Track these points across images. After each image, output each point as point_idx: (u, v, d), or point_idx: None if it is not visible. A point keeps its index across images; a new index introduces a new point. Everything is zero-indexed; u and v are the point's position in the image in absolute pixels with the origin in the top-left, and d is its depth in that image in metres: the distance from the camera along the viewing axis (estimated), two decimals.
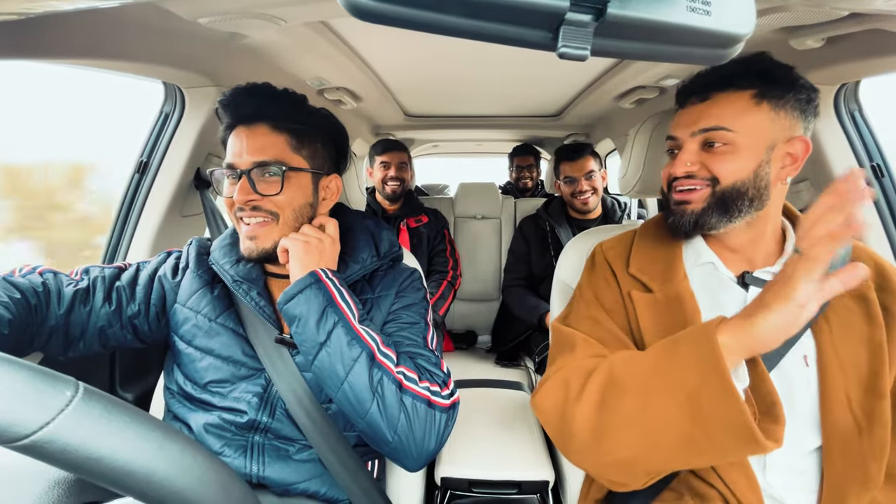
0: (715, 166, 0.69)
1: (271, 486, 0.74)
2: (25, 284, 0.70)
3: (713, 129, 0.69)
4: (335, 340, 0.68)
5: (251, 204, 0.74)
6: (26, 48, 0.69)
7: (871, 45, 0.84)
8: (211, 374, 0.77)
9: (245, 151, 0.74)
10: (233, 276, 0.79)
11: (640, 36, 0.35)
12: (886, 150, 1.08)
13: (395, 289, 0.84)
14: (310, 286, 0.70)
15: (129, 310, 0.79)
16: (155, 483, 0.33)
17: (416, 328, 0.81)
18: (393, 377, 0.68)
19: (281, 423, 0.75)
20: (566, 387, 0.69)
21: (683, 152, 0.72)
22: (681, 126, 0.73)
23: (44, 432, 0.30)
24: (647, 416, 0.60)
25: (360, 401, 0.66)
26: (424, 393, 0.69)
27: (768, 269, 0.72)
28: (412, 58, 1.42)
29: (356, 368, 0.66)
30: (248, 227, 0.76)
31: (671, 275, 0.75)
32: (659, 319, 0.73)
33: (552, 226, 1.86)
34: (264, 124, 0.76)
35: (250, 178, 0.73)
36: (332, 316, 0.69)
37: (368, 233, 0.88)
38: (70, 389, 0.33)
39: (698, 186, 0.71)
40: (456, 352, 2.04)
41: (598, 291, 0.80)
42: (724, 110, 0.68)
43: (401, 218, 1.95)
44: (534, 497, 1.00)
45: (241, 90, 0.77)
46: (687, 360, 0.58)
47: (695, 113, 0.71)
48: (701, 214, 0.71)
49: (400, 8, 0.32)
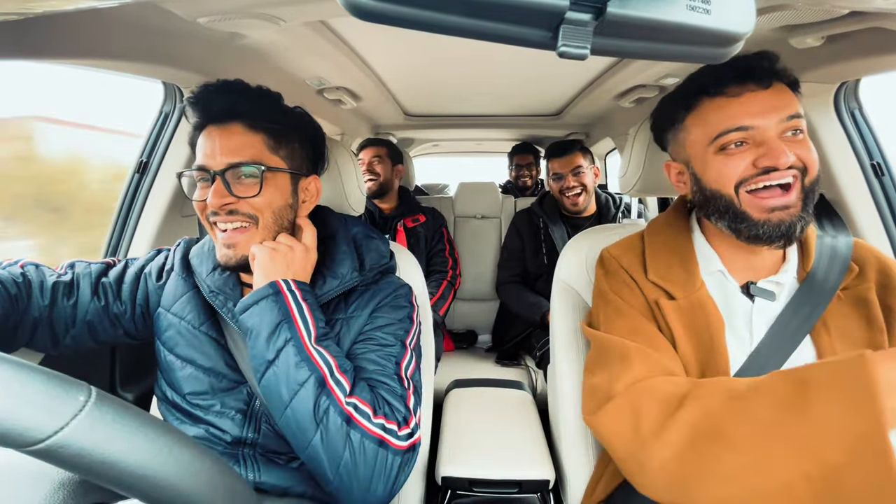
0: (804, 154, 0.63)
1: (269, 490, 0.73)
2: (4, 275, 0.69)
3: (798, 116, 0.64)
4: (283, 360, 0.62)
5: (227, 208, 0.69)
6: (26, 48, 0.69)
7: (871, 44, 0.84)
8: (191, 384, 0.74)
9: (218, 152, 0.69)
10: (209, 287, 0.75)
11: (640, 35, 0.35)
12: (886, 148, 1.08)
13: (370, 309, 0.77)
14: (266, 297, 0.66)
15: (114, 307, 0.78)
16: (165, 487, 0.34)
17: (389, 351, 0.73)
18: (341, 409, 0.61)
19: (268, 439, 0.73)
20: (636, 414, 0.60)
21: (774, 141, 0.62)
22: (757, 114, 0.64)
23: (58, 437, 0.31)
24: (755, 479, 0.49)
25: (303, 430, 0.60)
26: (376, 431, 0.62)
27: (772, 279, 0.71)
28: (412, 57, 1.42)
29: (301, 393, 0.61)
30: (225, 234, 0.71)
31: (691, 281, 0.73)
32: (686, 326, 0.71)
33: (545, 223, 1.84)
34: (238, 123, 0.71)
35: (225, 180, 0.68)
36: (284, 332, 0.64)
37: (352, 243, 0.82)
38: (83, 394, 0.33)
39: (793, 180, 0.63)
40: (456, 351, 2.04)
41: (624, 296, 0.75)
42: (791, 98, 0.65)
43: (397, 218, 1.94)
44: (534, 496, 1.00)
45: (212, 87, 0.72)
46: (828, 421, 0.46)
47: (765, 100, 0.64)
48: (804, 214, 0.63)
49: (400, 7, 0.32)
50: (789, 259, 0.72)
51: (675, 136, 0.75)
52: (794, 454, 0.47)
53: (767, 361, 0.67)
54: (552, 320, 1.03)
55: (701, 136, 0.69)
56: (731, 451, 0.51)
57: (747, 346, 0.70)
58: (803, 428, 0.48)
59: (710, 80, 0.68)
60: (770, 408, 0.51)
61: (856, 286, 0.69)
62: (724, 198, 0.67)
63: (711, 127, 0.67)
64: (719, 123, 0.66)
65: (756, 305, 0.71)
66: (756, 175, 0.64)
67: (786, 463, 0.47)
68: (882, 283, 0.69)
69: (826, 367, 0.50)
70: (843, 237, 0.75)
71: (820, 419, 0.47)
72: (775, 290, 0.71)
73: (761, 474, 0.49)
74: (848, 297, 0.68)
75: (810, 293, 0.69)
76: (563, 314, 0.99)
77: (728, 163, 0.66)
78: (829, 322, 0.67)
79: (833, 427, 0.46)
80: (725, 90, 0.66)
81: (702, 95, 0.69)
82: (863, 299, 0.68)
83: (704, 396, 0.57)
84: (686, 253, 0.76)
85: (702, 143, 0.69)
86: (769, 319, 0.70)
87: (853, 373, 0.47)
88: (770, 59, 0.66)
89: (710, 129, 0.67)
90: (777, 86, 0.66)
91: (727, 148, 0.66)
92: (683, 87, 0.73)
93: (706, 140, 0.68)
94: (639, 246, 0.80)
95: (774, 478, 0.48)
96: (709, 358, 0.68)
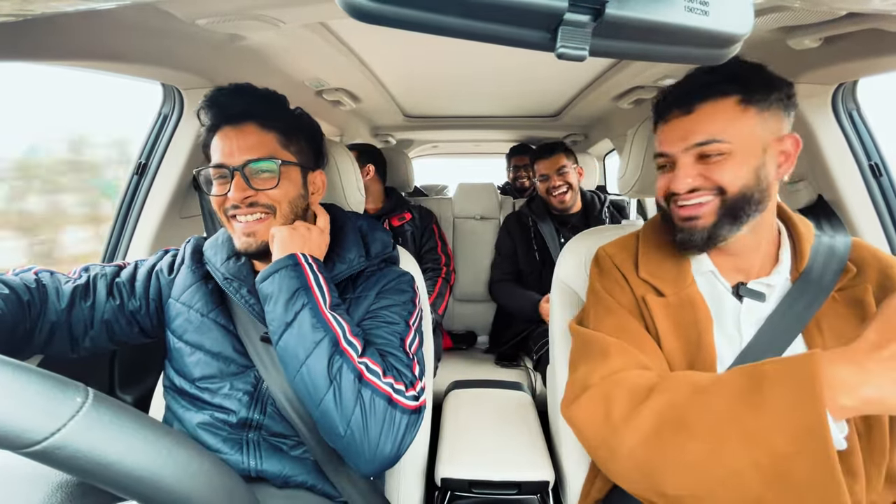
0: (718, 176, 0.67)
1: (270, 479, 0.74)
2: (16, 282, 0.70)
3: (706, 143, 0.67)
4: (300, 321, 0.67)
5: (248, 200, 0.75)
6: (24, 49, 0.69)
7: (869, 45, 0.84)
8: (200, 369, 0.77)
9: (236, 150, 0.75)
10: (223, 274, 0.80)
11: (639, 36, 0.35)
12: (884, 149, 1.08)
13: (376, 290, 0.83)
14: (286, 267, 0.71)
15: (130, 305, 0.80)
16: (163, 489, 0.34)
17: (394, 328, 0.78)
18: (353, 366, 0.66)
19: (273, 421, 0.76)
20: (607, 402, 0.63)
21: (680, 168, 0.69)
22: (670, 142, 0.71)
23: (55, 439, 0.31)
24: (712, 467, 0.52)
25: (316, 387, 0.64)
26: (386, 388, 0.66)
27: (762, 281, 0.72)
28: (411, 59, 1.42)
29: (316, 352, 0.65)
30: (244, 225, 0.76)
31: (682, 279, 0.74)
32: (673, 322, 0.72)
33: (535, 221, 1.90)
34: (252, 123, 0.76)
35: (244, 175, 0.74)
36: (302, 297, 0.69)
37: (359, 233, 0.88)
38: (80, 396, 0.33)
39: (705, 198, 0.68)
40: (455, 352, 2.04)
41: (615, 295, 0.78)
42: (712, 121, 0.67)
43: (383, 217, 1.93)
44: (534, 497, 1.00)
45: (226, 91, 0.78)
46: (777, 414, 0.50)
47: (682, 127, 0.69)
48: (713, 227, 0.69)
49: (398, 9, 0.32)
50: (782, 260, 0.73)
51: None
52: (746, 444, 0.51)
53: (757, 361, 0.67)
54: (551, 321, 1.03)
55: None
56: (692, 441, 0.54)
57: (736, 345, 0.70)
58: (756, 420, 0.51)
59: (660, 104, 0.74)
60: (728, 400, 0.54)
61: (853, 287, 0.69)
62: (661, 206, 0.76)
63: (654, 148, 0.76)
64: (656, 146, 0.75)
65: (745, 306, 0.71)
66: (671, 196, 0.72)
67: (738, 452, 0.51)
68: (882, 283, 0.68)
69: (780, 364, 0.53)
70: (842, 237, 0.75)
71: (771, 412, 0.50)
72: (766, 292, 0.71)
73: (716, 462, 0.52)
74: (843, 298, 0.68)
75: (803, 293, 0.69)
76: (562, 314, 0.99)
77: (660, 182, 0.75)
78: (823, 322, 0.67)
79: (782, 419, 0.50)
80: (666, 115, 0.72)
81: (658, 118, 0.75)
82: (859, 300, 0.67)
83: (670, 389, 0.60)
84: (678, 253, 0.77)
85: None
86: (759, 320, 0.70)
87: (802, 370, 0.50)
88: (710, 73, 0.68)
89: (653, 149, 0.77)
90: (706, 107, 0.67)
91: (660, 168, 0.75)
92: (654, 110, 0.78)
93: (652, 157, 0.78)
94: (633, 245, 0.83)
95: (727, 465, 0.51)
96: (696, 355, 0.70)
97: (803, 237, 0.74)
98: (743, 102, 0.67)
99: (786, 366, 0.52)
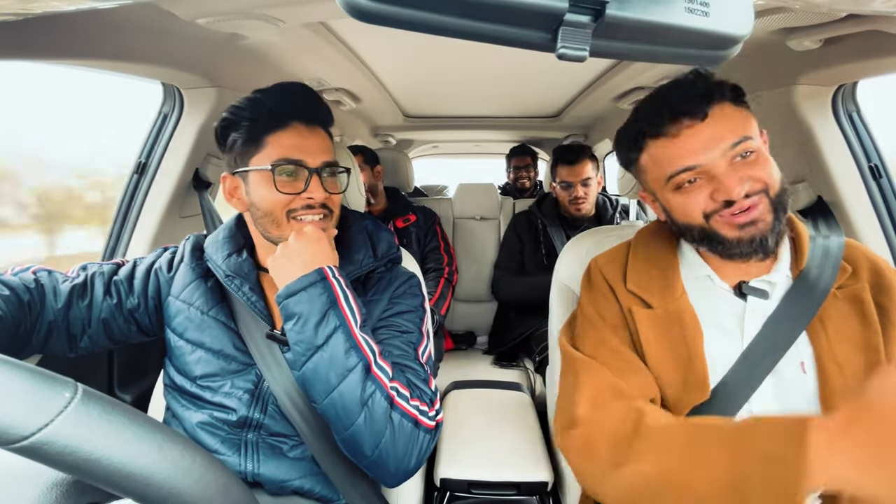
0: (761, 173, 0.64)
1: (266, 485, 0.74)
2: (16, 282, 0.70)
3: (740, 142, 0.64)
4: (333, 346, 0.64)
5: (322, 202, 0.76)
6: (25, 48, 0.69)
7: (869, 47, 0.84)
8: (201, 367, 0.76)
9: (315, 151, 0.75)
10: (225, 271, 0.78)
11: (639, 37, 0.35)
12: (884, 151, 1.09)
13: (389, 293, 0.82)
14: (314, 284, 0.67)
15: (128, 303, 0.80)
16: (154, 485, 0.33)
17: (409, 338, 0.78)
18: (386, 392, 0.65)
19: (273, 420, 0.75)
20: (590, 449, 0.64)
21: (723, 175, 0.64)
22: (694, 152, 0.65)
23: (42, 434, 0.30)
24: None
25: (348, 412, 0.63)
26: (413, 412, 0.67)
27: (764, 278, 0.72)
28: (411, 59, 1.42)
29: (350, 378, 0.63)
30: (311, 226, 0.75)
31: (670, 290, 0.74)
32: (660, 335, 0.72)
33: (545, 224, 1.86)
34: (320, 127, 0.78)
35: (321, 177, 0.75)
36: (333, 319, 0.66)
37: (366, 233, 0.87)
38: (69, 391, 0.32)
39: (757, 201, 0.65)
40: (455, 352, 2.04)
41: (600, 309, 0.78)
42: (731, 121, 0.65)
43: (387, 219, 1.93)
44: (533, 498, 1.00)
45: (300, 88, 0.78)
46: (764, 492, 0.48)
47: (703, 133, 0.65)
48: (775, 225, 0.65)
49: (399, 9, 0.32)
50: (781, 258, 0.73)
51: (636, 173, 0.77)
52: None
53: (762, 359, 0.67)
54: (550, 322, 1.03)
55: (657, 175, 0.70)
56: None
57: (738, 345, 0.70)
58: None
59: (647, 123, 0.69)
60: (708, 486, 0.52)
61: (850, 285, 0.69)
62: (695, 227, 0.69)
63: (663, 168, 0.68)
64: (668, 165, 0.67)
65: (749, 304, 0.71)
66: (720, 208, 0.66)
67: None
68: (874, 283, 0.69)
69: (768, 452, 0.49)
70: (836, 237, 0.76)
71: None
72: (768, 289, 0.71)
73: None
74: (844, 296, 0.68)
75: (804, 291, 0.69)
76: (561, 315, 0.99)
77: (688, 200, 0.67)
78: (826, 320, 0.67)
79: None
80: (663, 131, 0.67)
81: (644, 140, 0.70)
82: (858, 298, 0.68)
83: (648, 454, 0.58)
84: (668, 262, 0.77)
85: (659, 182, 0.70)
86: (763, 318, 0.70)
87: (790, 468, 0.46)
88: (704, 79, 0.67)
89: (662, 170, 0.68)
90: (716, 110, 0.65)
91: (682, 186, 0.68)
92: (627, 129, 0.73)
93: (662, 180, 0.69)
94: (624, 255, 0.82)
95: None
96: (687, 368, 0.70)
97: (802, 235, 0.74)
98: (735, 102, 0.67)
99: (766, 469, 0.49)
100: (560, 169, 1.80)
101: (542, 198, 1.99)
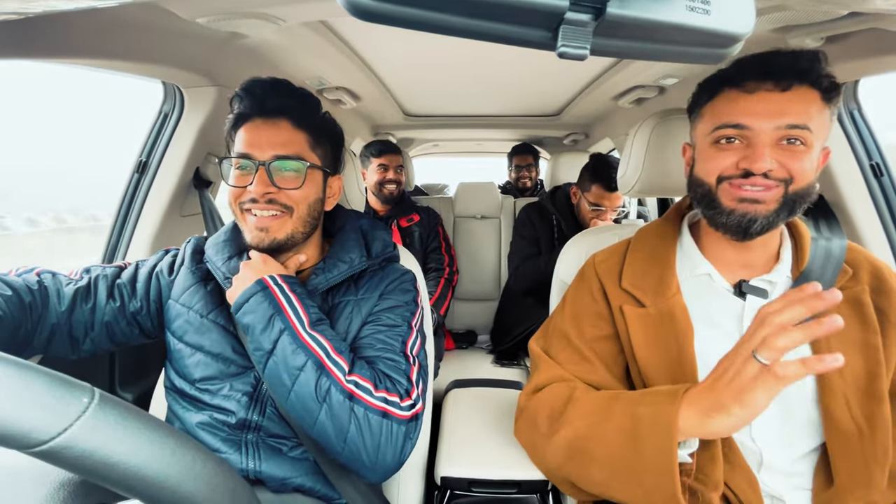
0: (793, 165, 0.63)
1: (268, 482, 0.74)
2: (18, 283, 0.70)
3: (798, 127, 0.62)
4: (280, 350, 0.66)
5: (267, 197, 0.74)
6: (25, 47, 0.69)
7: (870, 45, 0.84)
8: (201, 370, 0.77)
9: (265, 144, 0.74)
10: (224, 273, 0.79)
11: (640, 35, 0.35)
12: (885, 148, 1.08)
13: (379, 291, 0.83)
14: (255, 294, 0.70)
15: (131, 306, 0.80)
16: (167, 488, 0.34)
17: (396, 331, 0.78)
18: (341, 387, 0.66)
19: (272, 422, 0.75)
20: (533, 426, 0.75)
21: (762, 146, 0.63)
22: (756, 114, 0.64)
23: (61, 438, 0.31)
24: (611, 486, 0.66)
25: (308, 410, 0.65)
26: (378, 404, 0.67)
27: (765, 278, 0.72)
28: (412, 57, 1.42)
29: (301, 378, 0.65)
30: (258, 219, 0.75)
31: (664, 289, 0.74)
32: (651, 334, 0.73)
33: (559, 220, 1.83)
34: (286, 120, 0.76)
35: (269, 171, 0.73)
36: (278, 324, 0.68)
37: (360, 233, 0.88)
38: (87, 396, 0.33)
39: (772, 185, 0.64)
40: (456, 351, 2.04)
41: (579, 306, 0.80)
42: (806, 106, 0.63)
43: (392, 218, 1.94)
44: (533, 496, 1.00)
45: (265, 82, 0.77)
46: (647, 459, 0.61)
47: (775, 102, 0.63)
48: (773, 216, 0.65)
49: (399, 7, 0.32)
50: (783, 259, 0.73)
51: (694, 121, 0.76)
52: (628, 477, 0.63)
53: None
54: None
55: (707, 126, 0.70)
56: (594, 465, 0.66)
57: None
58: (634, 460, 0.62)
59: (733, 71, 0.67)
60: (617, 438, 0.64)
61: (851, 287, 0.69)
62: (704, 186, 0.70)
63: (717, 118, 0.68)
64: (723, 116, 0.67)
65: (748, 304, 0.71)
66: (737, 176, 0.66)
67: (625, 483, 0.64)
68: (874, 286, 0.69)
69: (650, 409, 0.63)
70: (838, 240, 0.75)
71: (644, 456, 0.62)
72: (768, 289, 0.71)
73: (612, 484, 0.65)
74: (844, 298, 0.68)
75: None
76: None
77: (716, 156, 0.68)
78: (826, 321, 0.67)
79: (650, 463, 0.61)
80: (743, 84, 0.66)
81: (723, 85, 0.68)
82: (858, 300, 0.68)
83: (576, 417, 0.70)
84: (665, 261, 0.77)
85: (705, 133, 0.70)
86: None
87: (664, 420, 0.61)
88: (810, 59, 0.64)
89: (714, 120, 0.68)
90: (799, 90, 0.63)
91: (720, 142, 0.68)
92: (712, 76, 0.72)
93: (708, 130, 0.69)
94: (622, 253, 0.82)
95: (618, 488, 0.65)
96: (676, 367, 0.70)
97: (804, 236, 0.74)
98: (825, 98, 0.64)
99: (654, 413, 0.62)
100: (597, 189, 1.65)
101: (554, 191, 1.93)
